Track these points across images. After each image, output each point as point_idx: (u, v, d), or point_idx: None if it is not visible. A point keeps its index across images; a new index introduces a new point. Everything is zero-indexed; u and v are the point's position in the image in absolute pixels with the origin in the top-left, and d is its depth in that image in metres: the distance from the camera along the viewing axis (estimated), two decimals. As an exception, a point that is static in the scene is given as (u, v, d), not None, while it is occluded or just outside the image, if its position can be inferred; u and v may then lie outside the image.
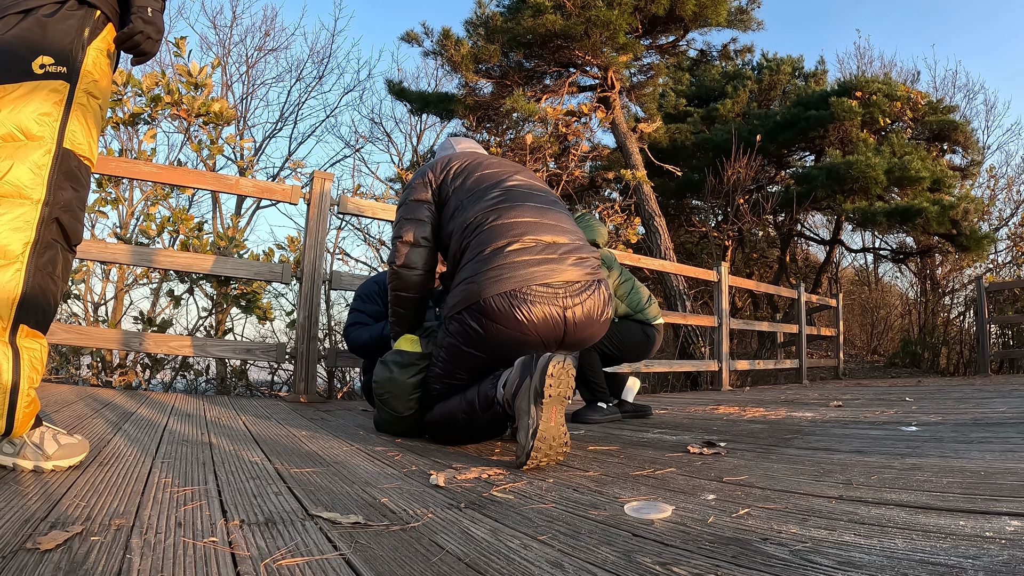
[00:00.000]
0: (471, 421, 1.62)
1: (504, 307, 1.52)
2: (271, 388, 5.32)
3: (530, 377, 1.37)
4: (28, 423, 1.14)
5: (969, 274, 9.65)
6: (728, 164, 7.97)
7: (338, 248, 6.72)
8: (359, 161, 16.73)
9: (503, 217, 1.66)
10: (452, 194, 1.84)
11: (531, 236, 1.62)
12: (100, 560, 0.71)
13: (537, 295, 1.53)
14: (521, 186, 1.79)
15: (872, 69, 13.29)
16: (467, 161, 1.91)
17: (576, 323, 1.59)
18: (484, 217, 1.68)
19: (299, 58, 26.62)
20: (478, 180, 1.82)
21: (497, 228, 1.64)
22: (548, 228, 1.66)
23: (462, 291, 1.61)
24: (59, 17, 1.16)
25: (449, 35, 7.51)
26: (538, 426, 1.33)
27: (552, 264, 1.57)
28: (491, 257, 1.59)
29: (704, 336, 7.00)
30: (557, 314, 1.55)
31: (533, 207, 1.71)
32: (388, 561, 0.74)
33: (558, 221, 1.71)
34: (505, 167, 1.90)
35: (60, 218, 1.16)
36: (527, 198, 1.74)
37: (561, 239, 1.65)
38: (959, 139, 8.99)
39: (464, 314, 1.59)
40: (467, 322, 1.59)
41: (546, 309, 1.54)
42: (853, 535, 0.82)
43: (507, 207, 1.69)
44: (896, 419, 2.30)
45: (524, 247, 1.59)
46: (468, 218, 1.71)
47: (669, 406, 3.34)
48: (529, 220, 1.66)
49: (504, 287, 1.53)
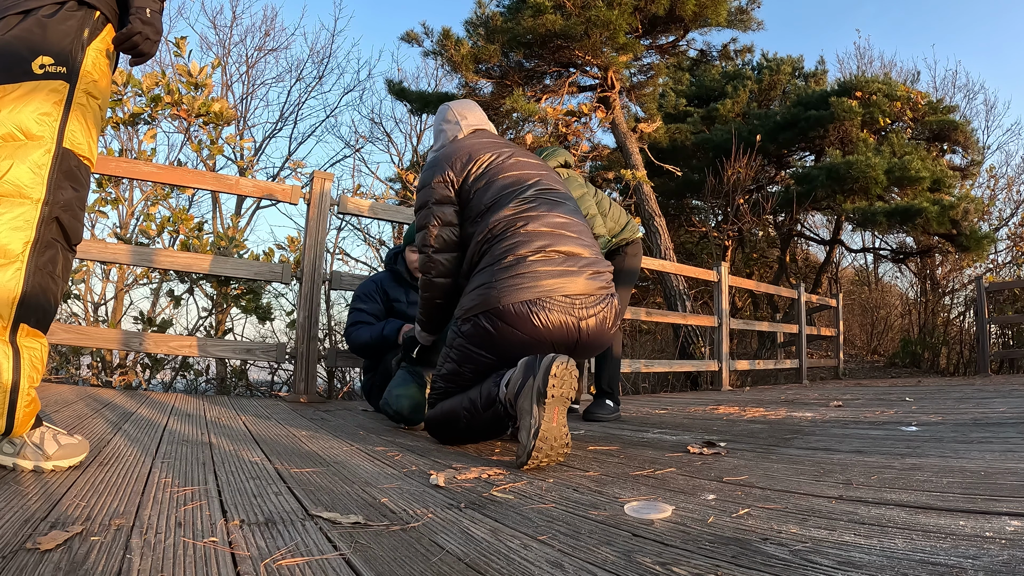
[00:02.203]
0: (472, 419, 1.62)
1: (522, 312, 1.54)
2: (271, 388, 5.32)
3: (533, 377, 1.37)
4: (28, 423, 1.14)
5: (969, 274, 9.65)
6: (728, 164, 7.97)
7: (338, 248, 6.72)
8: (359, 161, 16.74)
9: (527, 226, 1.66)
10: (473, 196, 1.79)
11: (553, 248, 1.63)
12: (100, 560, 0.71)
13: (555, 304, 1.55)
14: (544, 193, 1.77)
15: (872, 69, 13.30)
16: (489, 159, 1.84)
17: (589, 333, 1.61)
18: (506, 224, 1.68)
19: (299, 58, 26.63)
20: (501, 184, 1.78)
21: (519, 237, 1.64)
22: (569, 240, 1.67)
23: (479, 295, 1.61)
24: (59, 18, 1.16)
25: (449, 35, 7.51)
26: (540, 426, 1.33)
27: (571, 276, 1.60)
28: (512, 265, 1.59)
29: (704, 336, 7.00)
30: (572, 323, 1.57)
31: (556, 218, 1.71)
32: (388, 561, 0.74)
33: (579, 234, 1.72)
34: (527, 168, 1.85)
35: (60, 217, 1.16)
36: (550, 206, 1.73)
37: (581, 252, 1.67)
38: (959, 139, 8.99)
39: (479, 317, 1.60)
40: (481, 324, 1.59)
41: (562, 317, 1.56)
42: (853, 535, 0.82)
43: (530, 216, 1.68)
44: (896, 419, 2.30)
45: (546, 259, 1.61)
46: (489, 223, 1.70)
47: (669, 406, 3.34)
48: (551, 231, 1.67)
49: (523, 296, 1.55)
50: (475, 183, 1.80)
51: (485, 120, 2.06)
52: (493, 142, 1.92)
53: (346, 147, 16.58)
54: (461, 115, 2.02)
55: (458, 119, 2.01)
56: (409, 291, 2.83)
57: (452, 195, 1.82)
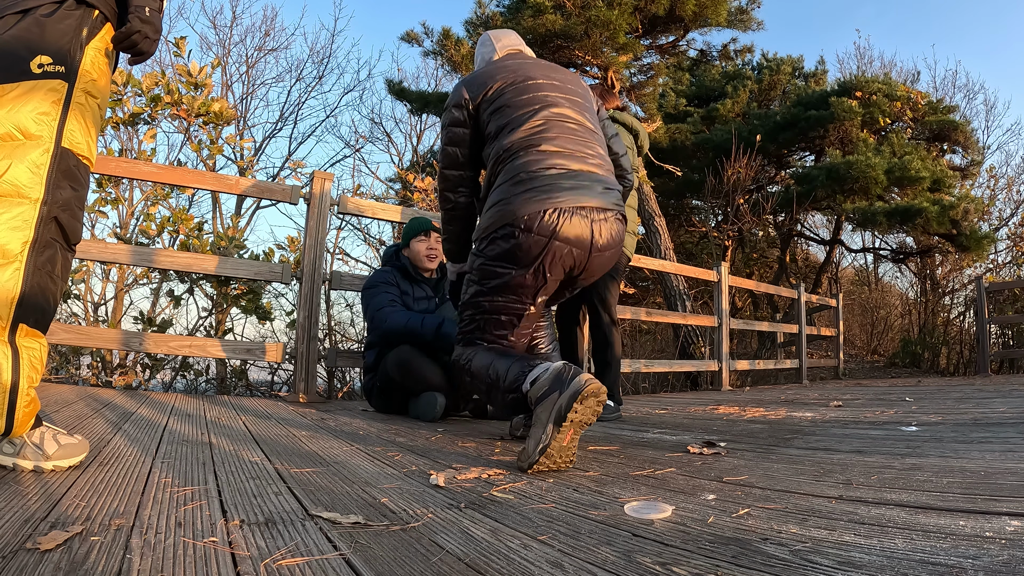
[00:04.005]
0: (491, 393, 1.61)
1: (539, 221, 1.55)
2: (271, 388, 5.32)
3: (559, 393, 1.33)
4: (28, 423, 1.14)
5: (969, 274, 9.65)
6: (728, 164, 7.96)
7: (338, 248, 6.71)
8: (359, 161, 16.78)
9: (541, 146, 1.67)
10: (490, 118, 1.79)
11: (567, 166, 1.64)
12: (100, 560, 0.71)
13: (572, 211, 1.58)
14: (562, 116, 1.76)
15: (872, 69, 13.31)
16: (508, 80, 1.82)
17: (600, 245, 1.63)
18: (520, 145, 1.69)
19: (299, 58, 26.71)
20: (518, 105, 1.77)
21: (533, 155, 1.66)
22: (583, 159, 1.68)
23: (496, 211, 1.62)
24: (57, 17, 1.16)
25: (449, 35, 7.52)
26: (549, 444, 1.31)
27: (585, 190, 1.61)
28: (527, 180, 1.61)
29: (704, 336, 7.00)
30: (586, 230, 1.59)
31: (571, 138, 1.71)
32: (388, 561, 0.74)
33: (593, 154, 1.73)
34: (549, 90, 1.81)
35: (59, 217, 1.16)
36: (566, 131, 1.73)
37: (594, 171, 1.68)
38: (959, 139, 8.99)
39: (497, 232, 1.61)
40: (499, 236, 1.60)
41: (577, 223, 1.58)
42: (853, 535, 0.82)
43: (546, 137, 1.69)
44: (896, 419, 2.30)
45: (562, 174, 1.62)
46: (504, 144, 1.71)
47: (669, 406, 3.34)
48: (566, 150, 1.68)
49: (539, 206, 1.56)
50: (491, 103, 1.80)
51: (521, 44, 2.07)
52: (520, 64, 1.89)
53: (346, 147, 16.62)
54: (497, 38, 2.05)
55: (493, 42, 2.03)
56: (415, 287, 2.82)
57: (465, 117, 1.84)
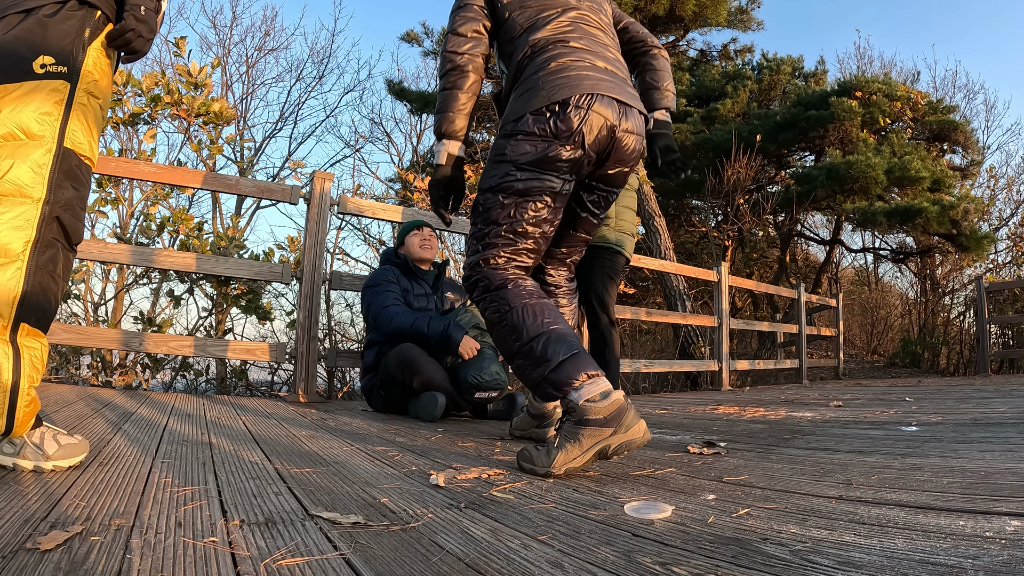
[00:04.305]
0: (526, 362, 1.44)
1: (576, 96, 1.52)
2: (271, 388, 5.32)
3: (613, 432, 1.28)
4: (28, 423, 1.14)
5: (969, 274, 9.65)
6: (728, 164, 7.97)
7: (338, 248, 6.72)
8: (359, 161, 16.78)
9: (569, 43, 1.66)
10: (508, 17, 1.75)
11: (594, 62, 1.63)
12: (100, 560, 0.71)
13: (603, 96, 1.56)
14: (585, 19, 1.75)
15: (872, 69, 13.30)
16: None
17: (626, 128, 1.61)
18: (547, 42, 1.67)
19: (299, 58, 26.73)
20: (541, 6, 1.74)
21: (561, 49, 1.64)
22: (608, 60, 1.67)
23: (531, 93, 1.57)
24: (60, 17, 1.16)
25: (449, 35, 7.49)
26: (570, 466, 1.29)
27: (612, 85, 1.60)
28: (558, 70, 1.58)
29: (704, 336, 7.00)
30: (615, 114, 1.57)
31: (595, 40, 1.71)
32: (388, 561, 0.74)
33: (616, 57, 1.73)
34: None
35: (61, 217, 1.16)
36: (589, 33, 1.72)
37: (618, 72, 1.67)
38: (959, 139, 9.00)
39: (534, 110, 1.56)
40: (535, 112, 1.55)
41: (608, 104, 1.56)
42: (853, 535, 0.82)
43: (574, 36, 1.68)
44: (896, 419, 2.30)
45: (591, 66, 1.61)
46: (529, 41, 1.68)
47: (669, 406, 3.34)
48: (591, 49, 1.67)
49: (575, 90, 1.53)
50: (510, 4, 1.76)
51: None
52: None
53: (346, 147, 16.63)
54: None
55: None
56: (415, 283, 2.82)
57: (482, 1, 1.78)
